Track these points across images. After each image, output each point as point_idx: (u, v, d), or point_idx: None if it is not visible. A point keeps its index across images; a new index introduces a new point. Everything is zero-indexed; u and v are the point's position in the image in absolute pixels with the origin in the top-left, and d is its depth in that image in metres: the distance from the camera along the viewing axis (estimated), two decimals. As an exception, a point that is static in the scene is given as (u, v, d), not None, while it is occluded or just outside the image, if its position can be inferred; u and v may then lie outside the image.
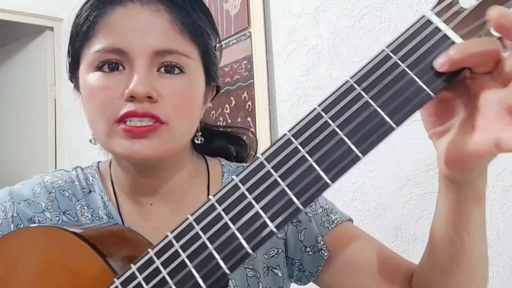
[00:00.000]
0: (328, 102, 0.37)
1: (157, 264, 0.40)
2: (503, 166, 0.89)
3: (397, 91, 0.36)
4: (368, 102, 0.36)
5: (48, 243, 0.47)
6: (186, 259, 0.38)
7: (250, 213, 0.37)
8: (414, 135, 1.04)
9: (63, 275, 0.45)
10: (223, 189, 0.39)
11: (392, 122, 0.35)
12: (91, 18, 0.57)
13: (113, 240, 0.49)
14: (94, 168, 0.68)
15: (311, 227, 0.64)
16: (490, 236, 0.91)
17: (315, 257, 0.64)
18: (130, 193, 0.64)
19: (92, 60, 0.56)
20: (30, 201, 0.62)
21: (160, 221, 0.63)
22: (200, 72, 0.60)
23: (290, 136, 0.37)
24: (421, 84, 0.36)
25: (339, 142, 0.36)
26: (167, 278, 0.39)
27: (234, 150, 0.76)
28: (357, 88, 0.37)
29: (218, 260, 0.37)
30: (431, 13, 0.37)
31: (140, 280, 0.40)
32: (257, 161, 0.38)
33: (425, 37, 0.36)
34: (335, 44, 1.23)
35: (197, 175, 0.68)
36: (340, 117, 0.36)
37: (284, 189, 0.36)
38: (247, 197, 0.37)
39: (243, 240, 0.37)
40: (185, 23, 0.57)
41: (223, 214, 0.38)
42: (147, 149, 0.54)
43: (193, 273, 0.38)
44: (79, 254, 0.45)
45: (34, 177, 0.66)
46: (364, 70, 0.37)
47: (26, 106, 2.91)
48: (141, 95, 0.53)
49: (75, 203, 0.64)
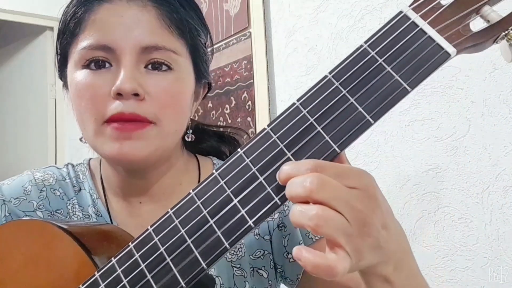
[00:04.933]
0: (306, 97, 0.37)
1: (136, 256, 0.39)
2: (503, 166, 0.89)
3: (374, 86, 0.36)
4: (345, 96, 0.36)
5: (33, 235, 0.47)
6: (164, 252, 0.38)
7: (228, 206, 0.37)
8: (414, 135, 1.04)
9: (46, 268, 0.45)
10: (203, 182, 0.38)
11: (369, 117, 0.35)
12: (78, 15, 0.56)
13: (98, 236, 0.49)
14: (85, 165, 0.68)
15: (295, 234, 0.64)
16: (490, 236, 0.91)
17: (295, 264, 0.63)
18: (119, 191, 0.64)
19: (79, 57, 0.55)
20: (21, 199, 0.61)
21: (149, 219, 0.62)
22: (189, 68, 0.60)
23: (269, 130, 0.38)
24: (397, 78, 0.35)
25: (316, 136, 0.36)
26: (145, 271, 0.39)
27: (227, 150, 0.75)
28: (335, 83, 0.37)
29: (196, 254, 0.37)
30: (408, 8, 0.37)
31: (119, 272, 0.40)
32: (236, 155, 0.38)
33: (402, 32, 0.36)
34: (335, 44, 1.23)
35: (187, 173, 0.67)
36: (318, 111, 0.37)
37: (262, 182, 0.36)
38: (226, 191, 0.37)
39: (221, 235, 0.37)
40: (173, 19, 0.57)
41: (202, 208, 0.38)
42: (136, 151, 0.54)
43: (171, 266, 0.38)
44: (63, 248, 0.45)
45: (24, 173, 0.65)
46: (342, 65, 0.37)
47: (26, 106, 2.91)
48: (128, 92, 0.52)
49: (67, 202, 0.63)
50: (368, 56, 0.37)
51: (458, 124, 0.96)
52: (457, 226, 0.96)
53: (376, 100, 0.35)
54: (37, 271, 0.46)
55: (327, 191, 0.33)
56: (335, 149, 0.36)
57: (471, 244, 0.94)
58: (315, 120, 0.36)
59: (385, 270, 0.40)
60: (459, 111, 0.96)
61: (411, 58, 0.36)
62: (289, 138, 0.37)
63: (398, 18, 0.37)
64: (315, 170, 0.34)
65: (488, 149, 0.91)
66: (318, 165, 0.34)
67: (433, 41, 0.36)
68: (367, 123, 0.35)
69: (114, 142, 0.54)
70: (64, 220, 0.59)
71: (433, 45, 0.36)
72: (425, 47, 0.36)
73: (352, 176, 0.35)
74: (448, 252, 0.97)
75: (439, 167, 1.00)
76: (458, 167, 0.96)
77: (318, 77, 1.26)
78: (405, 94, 0.35)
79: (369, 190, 0.35)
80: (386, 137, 1.09)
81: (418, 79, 0.35)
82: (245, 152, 0.38)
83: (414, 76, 0.35)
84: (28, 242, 0.47)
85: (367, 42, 0.37)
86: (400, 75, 0.35)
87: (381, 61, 0.36)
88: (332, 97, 0.37)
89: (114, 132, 0.53)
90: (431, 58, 0.35)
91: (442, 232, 0.99)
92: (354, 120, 0.36)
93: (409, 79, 0.35)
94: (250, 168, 0.37)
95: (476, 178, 0.93)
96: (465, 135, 0.95)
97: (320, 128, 0.36)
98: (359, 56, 0.37)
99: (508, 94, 0.89)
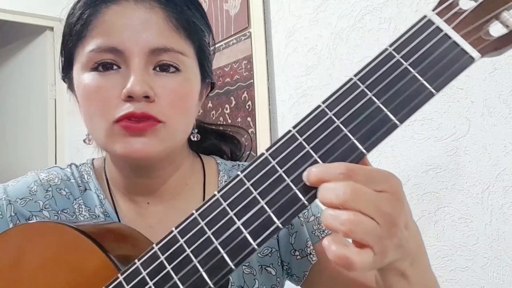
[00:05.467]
0: (332, 99, 0.38)
1: (161, 259, 0.40)
2: (503, 166, 0.89)
3: (399, 89, 0.37)
4: (372, 99, 0.37)
5: (48, 237, 0.47)
6: (191, 254, 0.39)
7: (255, 208, 0.37)
8: (414, 135, 1.04)
9: (64, 270, 0.45)
10: (228, 184, 0.39)
11: (395, 119, 0.36)
12: (85, 17, 0.56)
13: (112, 237, 0.49)
14: (89, 165, 0.68)
15: (302, 232, 0.65)
16: (490, 236, 0.91)
17: (302, 261, 0.64)
18: (126, 192, 0.64)
19: (86, 60, 0.55)
20: (27, 199, 0.61)
21: (157, 220, 0.63)
22: (195, 69, 0.60)
23: (295, 132, 0.38)
24: (423, 82, 0.36)
25: (343, 138, 0.37)
26: (171, 273, 0.39)
27: (228, 148, 0.76)
28: (361, 85, 0.37)
29: (224, 255, 0.37)
30: (432, 13, 0.37)
31: (144, 275, 0.40)
32: (262, 157, 0.38)
33: (427, 37, 0.37)
34: (335, 44, 1.23)
35: (193, 173, 0.67)
36: (344, 114, 0.37)
37: (290, 184, 0.37)
38: (253, 193, 0.38)
39: (248, 235, 0.37)
40: (180, 21, 0.57)
41: (228, 210, 0.38)
42: (146, 147, 0.54)
43: (198, 268, 0.38)
44: (80, 249, 0.45)
45: (28, 174, 0.65)
46: (367, 68, 0.38)
47: (26, 106, 2.91)
48: (139, 94, 0.53)
49: (73, 202, 0.63)
50: (393, 59, 0.37)
51: (458, 124, 0.96)
52: (457, 226, 0.96)
53: (402, 103, 0.36)
54: (54, 273, 0.45)
55: (360, 200, 0.35)
56: (362, 151, 0.36)
57: (471, 244, 0.94)
58: (342, 122, 0.37)
59: (403, 265, 0.42)
60: (459, 111, 0.96)
61: (436, 62, 0.36)
62: (316, 141, 0.37)
63: (423, 22, 0.38)
64: (347, 175, 0.35)
65: (488, 149, 0.91)
66: (350, 169, 0.35)
67: (458, 46, 0.36)
68: (393, 126, 0.36)
69: (126, 139, 0.54)
70: (77, 221, 0.59)
71: (458, 49, 0.36)
72: (449, 51, 0.36)
73: (382, 180, 0.37)
74: (448, 252, 0.97)
75: (439, 167, 1.00)
76: (458, 167, 0.96)
77: (318, 77, 1.25)
78: (431, 97, 0.36)
79: (397, 193, 0.37)
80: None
81: (444, 82, 0.36)
82: (270, 154, 0.38)
83: (440, 80, 0.36)
84: (44, 244, 0.47)
85: (392, 45, 0.38)
86: (425, 79, 0.36)
87: (407, 65, 0.37)
88: (358, 99, 0.37)
89: (125, 130, 0.54)
90: (456, 63, 0.36)
91: (442, 232, 0.99)
92: (381, 123, 0.36)
93: (435, 82, 0.36)
94: (277, 170, 0.37)
95: (476, 178, 0.93)
96: (465, 135, 0.95)
97: (347, 130, 0.37)
98: (384, 60, 0.38)
99: (508, 94, 0.89)
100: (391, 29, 1.09)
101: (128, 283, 0.41)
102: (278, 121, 1.42)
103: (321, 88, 1.27)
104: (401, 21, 1.07)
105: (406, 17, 1.06)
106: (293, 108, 1.36)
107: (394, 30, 1.09)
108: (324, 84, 1.26)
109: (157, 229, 0.57)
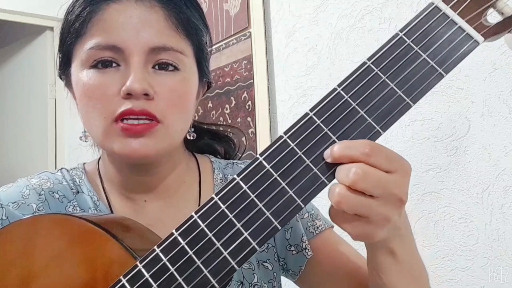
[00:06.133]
0: (347, 83, 0.40)
1: (182, 244, 0.40)
2: (503, 166, 0.89)
3: (411, 71, 0.39)
4: (386, 81, 0.39)
5: (59, 230, 0.47)
6: (212, 238, 0.40)
7: (277, 189, 0.40)
8: (414, 135, 1.04)
9: (78, 261, 0.45)
10: (247, 168, 0.41)
11: (409, 99, 0.39)
12: (84, 14, 0.56)
13: (121, 227, 0.49)
14: (80, 169, 0.67)
15: (297, 227, 0.66)
16: (490, 236, 0.91)
17: (298, 256, 0.65)
18: (123, 189, 0.64)
19: (86, 57, 0.55)
20: (19, 202, 0.60)
21: (154, 217, 0.63)
22: (193, 68, 0.60)
23: (312, 115, 0.40)
24: (433, 65, 0.39)
25: (360, 119, 0.39)
26: (193, 257, 0.40)
27: (222, 148, 0.76)
28: (375, 69, 0.40)
29: (247, 236, 0.39)
30: (438, 0, 0.40)
31: (165, 261, 0.41)
32: (280, 140, 0.40)
33: (434, 22, 0.40)
34: (335, 44, 1.23)
35: (189, 171, 0.68)
36: (360, 96, 0.39)
37: (309, 165, 0.39)
38: (273, 175, 0.40)
39: (270, 216, 0.40)
40: (179, 20, 0.57)
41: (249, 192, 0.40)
42: (144, 148, 0.54)
43: (221, 250, 0.40)
44: (93, 240, 0.45)
45: (19, 180, 0.65)
46: (379, 53, 0.40)
47: (26, 106, 2.90)
48: (139, 92, 0.53)
49: (67, 205, 0.63)
50: (404, 44, 0.40)
51: (458, 124, 0.96)
52: (457, 226, 0.96)
53: (414, 85, 0.39)
54: (68, 264, 0.45)
55: (369, 181, 0.38)
56: (378, 131, 0.39)
57: (471, 244, 0.94)
58: (358, 104, 0.39)
59: (392, 243, 0.45)
60: (459, 111, 0.96)
61: (444, 46, 0.39)
62: (333, 123, 0.39)
63: (430, 9, 0.40)
64: (371, 152, 0.38)
65: (488, 149, 0.91)
66: (374, 146, 0.38)
67: (463, 31, 0.39)
68: (407, 106, 0.39)
69: (124, 139, 0.54)
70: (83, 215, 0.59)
71: (464, 34, 0.39)
72: (456, 36, 0.39)
73: (397, 160, 0.40)
74: (448, 252, 0.98)
75: (439, 167, 1.00)
76: (458, 167, 0.96)
77: (318, 77, 1.25)
78: (441, 78, 0.39)
79: (405, 176, 0.40)
80: (386, 137, 1.09)
81: (451, 65, 0.39)
82: (289, 137, 0.40)
83: (448, 63, 0.39)
84: (55, 236, 0.47)
85: (402, 31, 0.40)
86: (435, 62, 0.39)
87: (417, 49, 0.39)
88: (372, 82, 0.39)
89: (123, 131, 0.54)
90: (462, 47, 0.39)
91: (442, 232, 0.99)
92: (395, 103, 0.39)
93: (443, 65, 0.39)
94: (296, 152, 0.39)
95: (476, 178, 0.93)
96: (465, 135, 0.95)
97: (363, 112, 0.39)
98: (396, 44, 0.40)
99: (508, 94, 0.89)
100: (391, 29, 1.09)
101: (148, 270, 0.41)
102: (278, 121, 1.42)
103: (321, 88, 1.27)
104: (401, 21, 1.07)
105: (406, 17, 1.06)
106: (293, 108, 1.36)
107: (394, 30, 1.08)
108: (324, 84, 1.26)
109: (155, 226, 0.57)
